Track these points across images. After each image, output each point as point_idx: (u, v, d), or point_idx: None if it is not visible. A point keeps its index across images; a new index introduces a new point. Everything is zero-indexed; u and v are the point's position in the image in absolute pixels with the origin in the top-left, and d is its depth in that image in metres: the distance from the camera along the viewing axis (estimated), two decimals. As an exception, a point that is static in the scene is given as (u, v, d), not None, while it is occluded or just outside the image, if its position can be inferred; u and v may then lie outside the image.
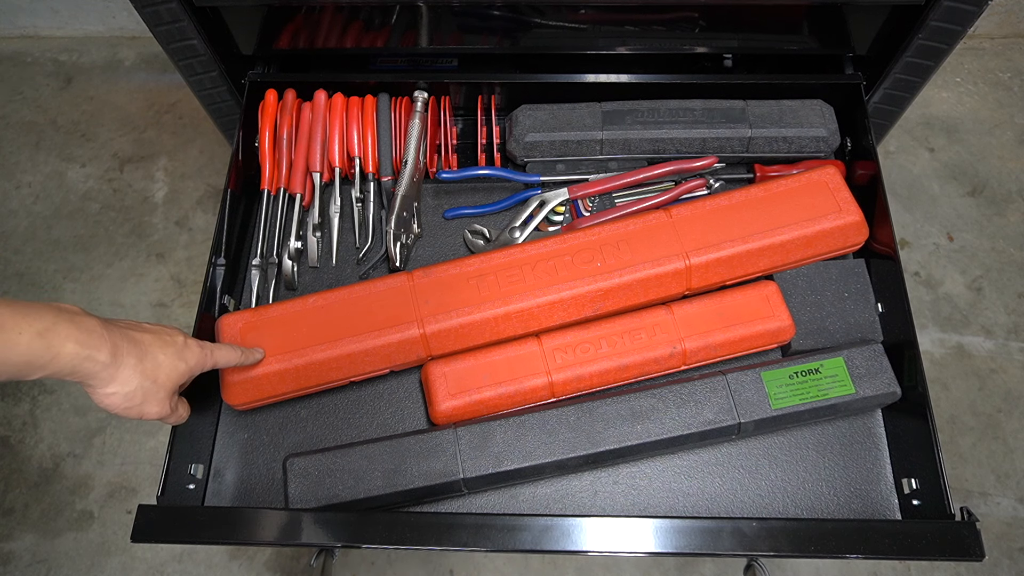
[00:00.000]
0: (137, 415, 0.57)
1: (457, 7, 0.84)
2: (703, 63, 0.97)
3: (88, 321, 0.52)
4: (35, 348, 0.48)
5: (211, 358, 0.63)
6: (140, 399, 0.56)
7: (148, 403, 0.56)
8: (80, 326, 0.51)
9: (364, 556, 1.27)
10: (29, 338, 0.48)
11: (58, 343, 0.49)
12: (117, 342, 0.53)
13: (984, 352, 1.42)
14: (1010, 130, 1.67)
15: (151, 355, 0.56)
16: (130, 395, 0.55)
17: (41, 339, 0.48)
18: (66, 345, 0.49)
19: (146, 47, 1.84)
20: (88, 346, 0.51)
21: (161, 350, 0.57)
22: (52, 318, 0.49)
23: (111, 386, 0.54)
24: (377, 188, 0.88)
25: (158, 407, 0.58)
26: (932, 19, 0.80)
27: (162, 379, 0.57)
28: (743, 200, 0.78)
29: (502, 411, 0.74)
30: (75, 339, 0.50)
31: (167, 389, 0.58)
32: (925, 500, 0.69)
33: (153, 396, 0.56)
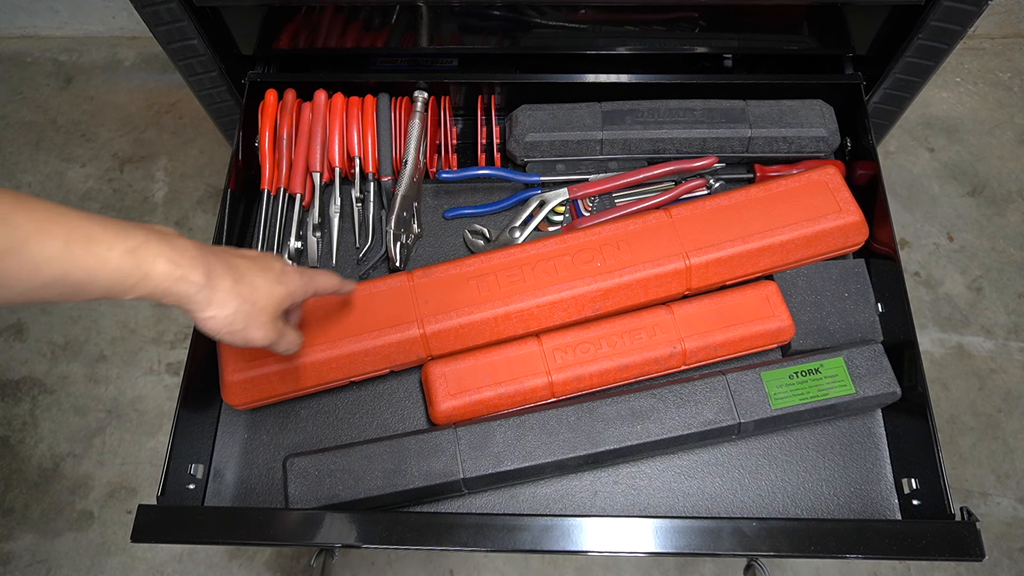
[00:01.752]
0: (243, 340, 0.55)
1: (457, 7, 0.84)
2: (703, 63, 0.97)
3: (181, 242, 0.50)
4: (125, 266, 0.46)
5: (312, 284, 0.61)
6: (242, 323, 0.54)
7: (251, 327, 0.54)
8: (173, 245, 0.49)
9: (364, 556, 1.27)
10: (119, 255, 0.45)
11: (149, 261, 0.47)
12: (211, 263, 0.51)
13: (984, 352, 1.42)
14: (1010, 130, 1.67)
15: (247, 278, 0.54)
16: (230, 319, 0.53)
17: (132, 256, 0.46)
18: (157, 264, 0.47)
19: (146, 47, 1.84)
20: (180, 266, 0.48)
21: (259, 274, 0.55)
22: (143, 236, 0.47)
23: (209, 309, 0.51)
24: (377, 188, 0.88)
25: (262, 331, 0.55)
26: (932, 19, 0.80)
27: (261, 302, 0.55)
28: (743, 200, 0.78)
29: (502, 411, 0.74)
30: (167, 258, 0.48)
31: (268, 312, 0.56)
32: (925, 500, 0.69)
33: (255, 320, 0.54)
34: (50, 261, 0.42)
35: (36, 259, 0.42)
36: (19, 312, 1.51)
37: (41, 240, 0.42)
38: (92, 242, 0.44)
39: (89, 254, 0.44)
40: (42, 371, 1.45)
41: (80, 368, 1.45)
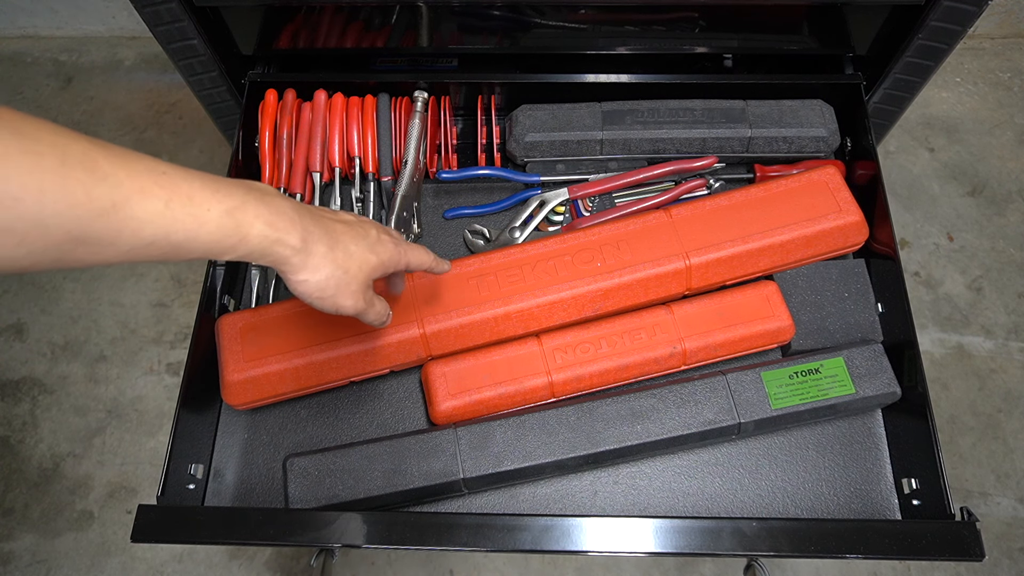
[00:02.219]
0: (332, 307, 0.54)
1: (457, 7, 0.84)
2: (703, 63, 0.97)
3: (279, 202, 0.49)
4: (224, 227, 0.45)
5: (404, 256, 0.60)
6: (333, 289, 0.53)
7: (341, 294, 0.54)
8: (271, 206, 0.48)
9: (364, 556, 1.27)
10: (218, 216, 0.45)
11: (247, 223, 0.46)
12: (308, 227, 0.50)
13: (984, 352, 1.42)
14: (1010, 130, 1.67)
15: (342, 244, 0.53)
16: (321, 284, 0.52)
17: (230, 217, 0.45)
18: (255, 225, 0.47)
19: (146, 47, 1.84)
20: (277, 228, 0.48)
21: (353, 241, 0.54)
22: (242, 196, 0.47)
23: (302, 273, 0.51)
24: (377, 188, 0.88)
25: (352, 300, 0.55)
26: (932, 19, 0.80)
27: (354, 270, 0.54)
28: (743, 200, 0.78)
29: (502, 411, 0.74)
30: (264, 220, 0.47)
31: (359, 281, 0.55)
32: (925, 500, 0.69)
33: (346, 287, 0.54)
34: (151, 220, 0.42)
35: (138, 218, 0.41)
36: (19, 312, 1.51)
37: (143, 199, 0.41)
38: (192, 202, 0.43)
39: (188, 215, 0.43)
40: (42, 371, 1.45)
41: (80, 368, 1.45)
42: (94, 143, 0.40)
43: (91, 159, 0.38)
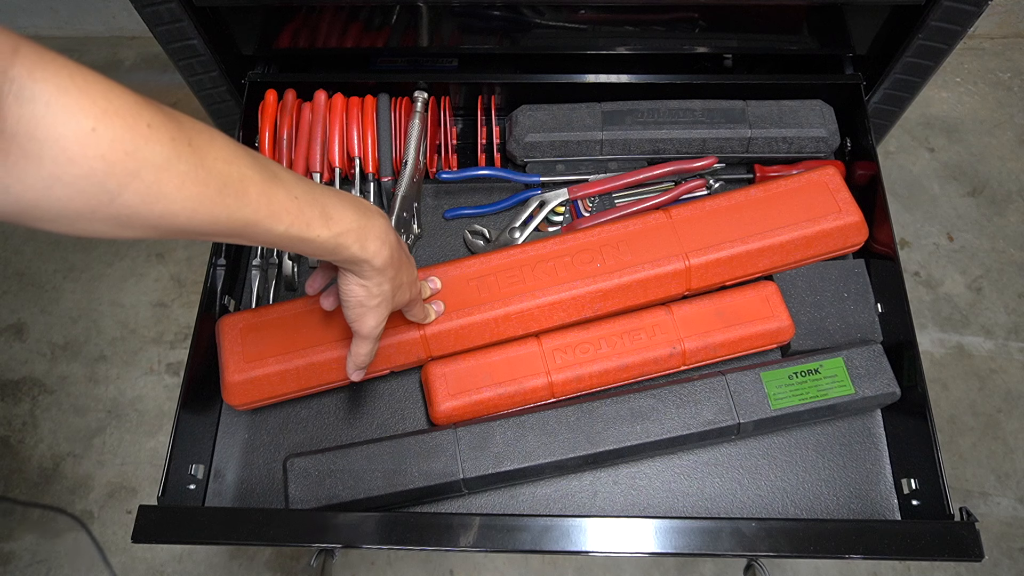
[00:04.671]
0: (358, 317, 0.58)
1: (457, 7, 0.84)
2: (703, 63, 0.97)
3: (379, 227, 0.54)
4: (326, 246, 0.51)
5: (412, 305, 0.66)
6: (374, 305, 0.58)
7: (375, 313, 0.58)
8: (370, 232, 0.53)
9: (364, 556, 1.27)
10: (325, 239, 0.50)
11: (345, 245, 0.52)
12: (394, 253, 0.56)
13: (984, 352, 1.42)
14: (1010, 130, 1.67)
15: (402, 274, 0.59)
16: (370, 297, 0.57)
17: (334, 240, 0.51)
18: (351, 248, 0.52)
19: (146, 47, 1.84)
20: (367, 251, 0.53)
21: (407, 273, 0.60)
22: (351, 222, 0.52)
23: (365, 282, 0.56)
24: (377, 188, 0.88)
25: (375, 322, 0.59)
26: (932, 19, 0.80)
27: (396, 299, 0.60)
28: (743, 200, 0.78)
29: (502, 411, 0.74)
30: (360, 244, 0.52)
31: (390, 309, 0.60)
32: (925, 500, 0.69)
33: (382, 309, 0.59)
34: (273, 237, 0.47)
35: (264, 234, 0.47)
36: (19, 312, 1.51)
37: (270, 223, 0.46)
38: (308, 228, 0.49)
39: (301, 237, 0.49)
40: (42, 371, 1.45)
41: (80, 368, 1.45)
42: (252, 165, 0.45)
43: (244, 187, 0.44)
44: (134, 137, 0.37)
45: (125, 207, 0.38)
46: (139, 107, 0.38)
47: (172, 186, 0.39)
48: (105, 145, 0.36)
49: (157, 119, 0.38)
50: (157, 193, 0.39)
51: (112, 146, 0.36)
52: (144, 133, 0.37)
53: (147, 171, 0.38)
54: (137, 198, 0.38)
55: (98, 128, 0.36)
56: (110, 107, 0.36)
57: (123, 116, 0.37)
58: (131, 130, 0.37)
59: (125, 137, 0.37)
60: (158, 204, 0.39)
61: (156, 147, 0.38)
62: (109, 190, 0.37)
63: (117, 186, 0.37)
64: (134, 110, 0.37)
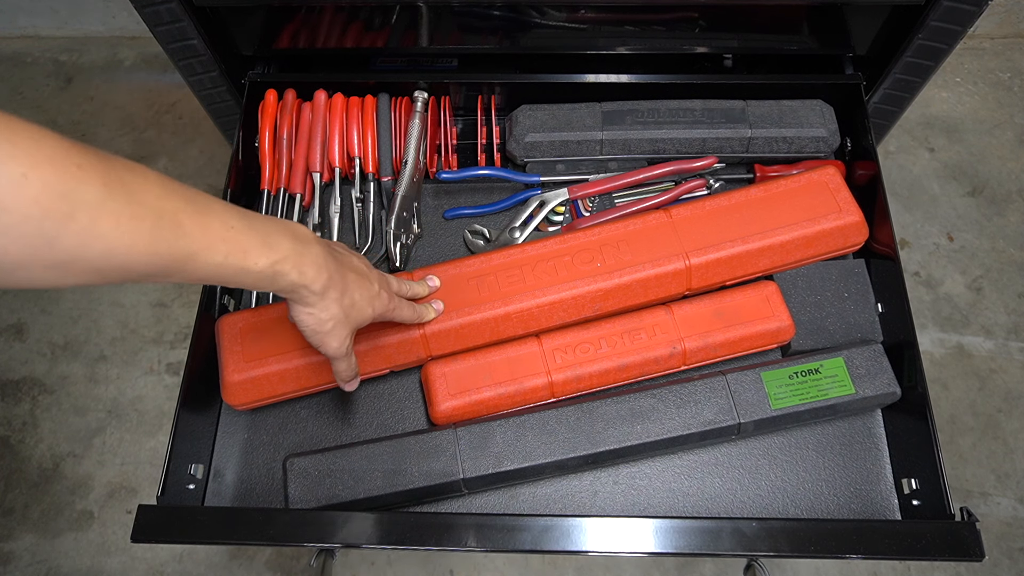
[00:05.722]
0: (319, 343, 0.59)
1: (457, 7, 0.84)
2: (703, 63, 0.97)
3: (314, 251, 0.55)
4: (264, 275, 0.51)
5: (392, 313, 0.65)
6: (330, 328, 0.58)
7: (333, 335, 0.59)
8: (306, 257, 0.54)
9: (364, 556, 1.27)
10: (262, 267, 0.51)
11: (283, 273, 0.52)
12: (333, 275, 0.56)
13: (984, 352, 1.42)
14: (1010, 130, 1.67)
15: (350, 292, 0.58)
16: (323, 321, 0.57)
17: (271, 268, 0.51)
18: (290, 275, 0.53)
19: (146, 47, 1.83)
20: (306, 277, 0.54)
21: (359, 291, 0.60)
22: (286, 250, 0.52)
23: (311, 308, 0.56)
24: (377, 188, 0.88)
25: (337, 343, 0.60)
26: (932, 19, 0.80)
27: (353, 317, 0.60)
28: (743, 200, 0.78)
29: (502, 411, 0.74)
30: (298, 270, 0.53)
31: (351, 328, 0.60)
32: (925, 500, 0.69)
33: (340, 330, 0.59)
34: (210, 269, 0.48)
35: (201, 267, 0.47)
36: (19, 312, 1.51)
37: (207, 254, 0.47)
38: (246, 257, 0.49)
39: (240, 267, 0.49)
40: (42, 371, 1.45)
41: (80, 368, 1.45)
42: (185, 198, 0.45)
43: (178, 220, 0.44)
44: (66, 179, 0.37)
45: (64, 251, 0.38)
46: (67, 150, 0.38)
47: (108, 225, 0.39)
48: (37, 189, 0.36)
49: (87, 160, 0.39)
50: (94, 233, 0.39)
51: (44, 190, 0.36)
52: (75, 175, 0.38)
53: (82, 212, 0.38)
54: (75, 240, 0.38)
55: (29, 174, 0.36)
56: (39, 153, 0.36)
57: (52, 160, 0.37)
58: (62, 173, 0.37)
59: (56, 180, 0.37)
60: (97, 244, 0.39)
61: (88, 187, 0.38)
62: (46, 234, 0.37)
63: (54, 229, 0.37)
64: (62, 153, 0.37)
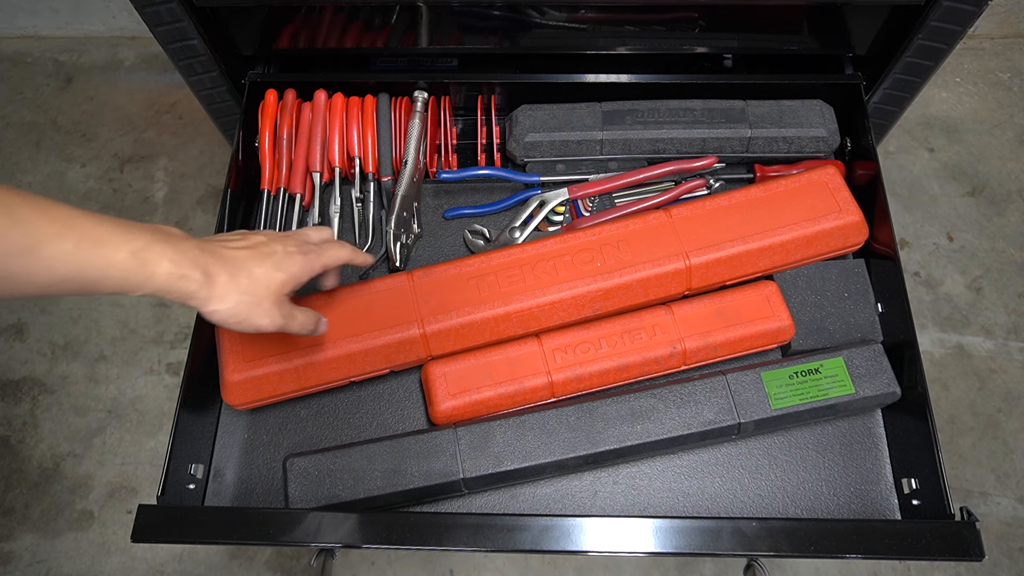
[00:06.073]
0: (251, 328, 0.58)
1: (457, 7, 0.84)
2: (703, 63, 0.97)
3: (184, 242, 0.53)
4: (131, 266, 0.50)
5: (318, 262, 0.63)
6: (245, 313, 0.57)
7: (254, 315, 0.57)
8: (175, 246, 0.52)
9: (364, 556, 1.27)
10: (125, 256, 0.49)
11: (153, 262, 0.51)
12: (209, 261, 0.54)
13: (984, 352, 1.42)
14: (1010, 130, 1.67)
15: (245, 269, 0.57)
16: (232, 310, 0.56)
17: (136, 258, 0.50)
18: (161, 264, 0.51)
19: (146, 47, 1.84)
20: (181, 265, 0.52)
21: (256, 263, 0.58)
22: (149, 238, 0.51)
23: (211, 304, 0.55)
24: (377, 188, 0.88)
25: (268, 318, 0.58)
26: (932, 19, 0.80)
27: (261, 291, 0.58)
28: (743, 200, 0.78)
29: (502, 411, 0.74)
30: (169, 258, 0.51)
31: (270, 299, 0.58)
32: (925, 500, 0.69)
33: (258, 308, 0.57)
34: (63, 261, 0.46)
35: (50, 259, 0.46)
36: (19, 312, 1.51)
37: (56, 242, 0.46)
38: (101, 244, 0.48)
39: (98, 255, 0.48)
40: (42, 371, 1.45)
41: (80, 368, 1.45)
42: (16, 193, 0.45)
43: (8, 207, 0.44)
44: None
45: None
46: None
47: None
48: None
49: None
50: None
51: None
52: None
53: None
54: None
55: None
56: None
57: None
58: None
59: None
60: None
61: None
62: None
63: None
64: None
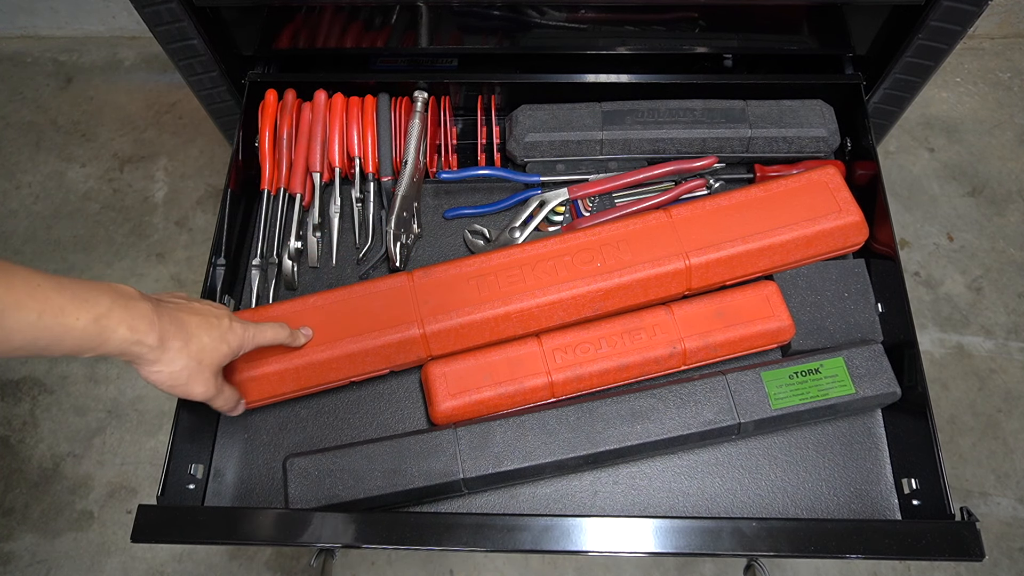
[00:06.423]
0: (183, 394, 0.59)
1: (457, 7, 0.84)
2: (703, 63, 0.97)
3: (141, 306, 0.54)
4: (89, 333, 0.50)
5: (256, 339, 0.65)
6: (185, 378, 0.58)
7: (193, 382, 0.59)
8: (132, 312, 0.53)
9: (364, 556, 1.27)
10: (85, 324, 0.50)
11: (110, 329, 0.51)
12: (165, 326, 0.55)
13: (984, 352, 1.42)
14: (1010, 130, 1.67)
15: (196, 337, 0.58)
16: (175, 374, 0.57)
17: (95, 325, 0.50)
18: (118, 330, 0.52)
19: (146, 47, 1.83)
20: (138, 331, 0.53)
21: (206, 332, 0.59)
22: (108, 304, 0.52)
23: (157, 365, 0.56)
24: (377, 188, 0.88)
25: (203, 387, 0.60)
26: (932, 19, 0.80)
27: (206, 361, 0.59)
28: (743, 200, 0.78)
29: (502, 411, 0.74)
30: (126, 325, 0.52)
31: (211, 369, 0.60)
32: (925, 500, 0.69)
33: (198, 375, 0.59)
34: (23, 330, 0.47)
35: (11, 328, 0.46)
36: (19, 312, 1.51)
37: (17, 312, 0.46)
38: (62, 313, 0.49)
39: (57, 324, 0.48)
40: (42, 371, 1.45)
41: (80, 368, 1.45)
42: None
43: None
44: None
45: None
46: None
47: None
48: None
49: None
50: None
51: None
52: None
53: None
54: None
55: None
56: None
57: None
58: None
59: None
60: None
61: None
62: None
63: None
64: None
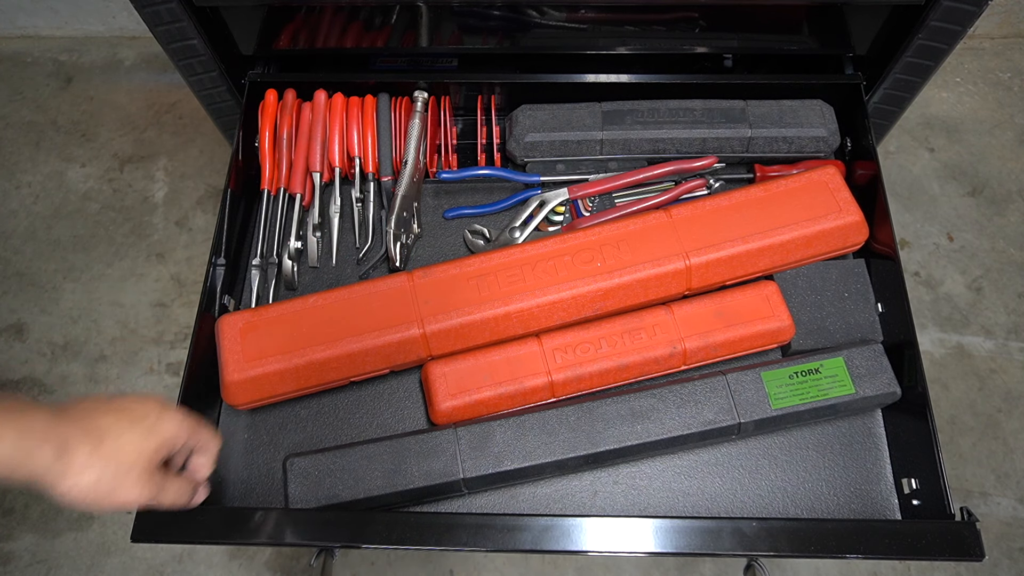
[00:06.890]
0: (113, 505, 0.52)
1: (457, 7, 0.84)
2: (703, 63, 0.97)
3: (31, 416, 0.48)
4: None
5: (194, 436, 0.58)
6: (108, 486, 0.51)
7: (120, 489, 0.51)
8: (20, 423, 0.47)
9: (364, 556, 1.27)
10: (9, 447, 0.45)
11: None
12: (66, 433, 0.49)
13: (984, 352, 1.42)
14: (1010, 130, 1.67)
15: (111, 437, 0.51)
16: (92, 485, 0.50)
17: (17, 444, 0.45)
18: (1, 446, 0.46)
19: (146, 47, 1.84)
20: (25, 444, 0.47)
21: (127, 428, 0.52)
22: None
23: (65, 481, 0.49)
24: (377, 188, 0.88)
25: (135, 492, 0.52)
26: (932, 19, 0.80)
27: (130, 459, 0.52)
28: (743, 200, 0.78)
29: (502, 411, 0.74)
30: (11, 439, 0.46)
31: (139, 468, 0.53)
32: (925, 500, 0.69)
33: (124, 480, 0.51)
34: None
35: None
36: (19, 312, 1.51)
37: None
38: None
39: None
40: (42, 371, 1.45)
41: (80, 368, 1.45)
42: None
43: None
44: None
45: None
46: None
47: None
48: None
49: None
50: None
51: None
52: None
53: None
54: None
55: None
56: None
57: None
58: None
59: None
60: None
61: None
62: None
63: None
64: None
